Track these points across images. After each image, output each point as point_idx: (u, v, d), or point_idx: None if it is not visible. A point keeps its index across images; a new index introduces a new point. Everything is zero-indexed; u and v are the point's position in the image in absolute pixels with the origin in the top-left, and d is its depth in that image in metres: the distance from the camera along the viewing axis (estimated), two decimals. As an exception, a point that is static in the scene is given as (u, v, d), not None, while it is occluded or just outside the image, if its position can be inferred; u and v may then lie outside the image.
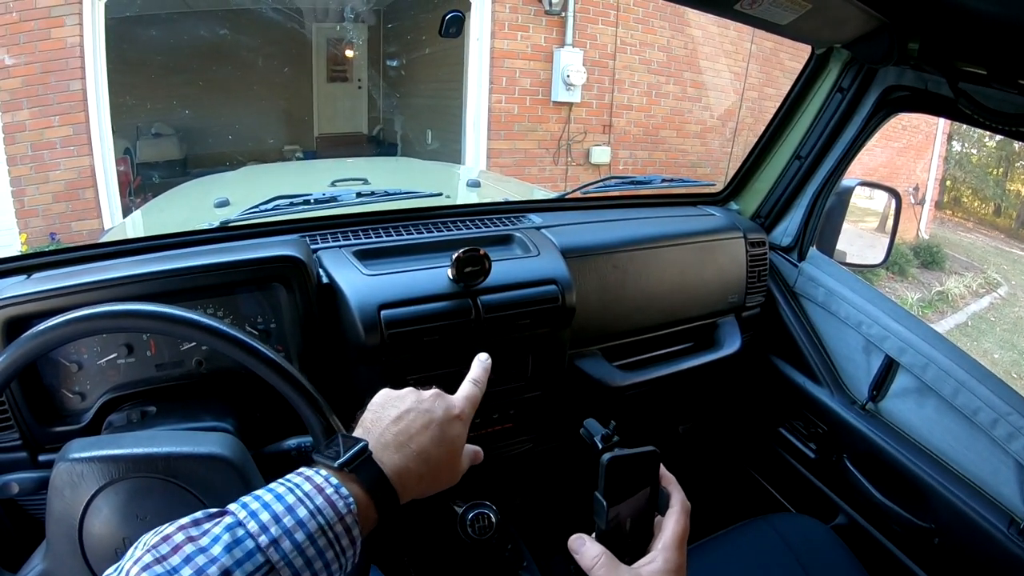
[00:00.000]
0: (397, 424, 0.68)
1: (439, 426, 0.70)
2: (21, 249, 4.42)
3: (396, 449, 0.66)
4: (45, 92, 4.42)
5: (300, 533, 0.54)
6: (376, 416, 0.70)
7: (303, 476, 0.59)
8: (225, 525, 0.53)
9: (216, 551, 0.51)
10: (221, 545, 0.52)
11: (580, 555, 0.65)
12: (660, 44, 6.64)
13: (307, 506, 0.56)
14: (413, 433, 0.68)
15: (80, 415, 0.97)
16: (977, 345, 6.96)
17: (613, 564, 0.64)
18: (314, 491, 0.58)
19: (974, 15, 1.04)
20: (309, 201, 1.35)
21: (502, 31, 5.78)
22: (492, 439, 1.27)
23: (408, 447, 0.67)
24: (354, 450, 0.62)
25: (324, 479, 0.59)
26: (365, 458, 0.63)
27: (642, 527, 0.68)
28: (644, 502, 0.68)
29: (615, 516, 0.66)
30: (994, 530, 1.20)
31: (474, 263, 1.06)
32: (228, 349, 0.74)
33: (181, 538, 0.52)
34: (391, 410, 0.70)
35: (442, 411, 0.71)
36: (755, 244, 1.59)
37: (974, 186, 13.03)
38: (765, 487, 1.78)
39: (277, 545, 0.53)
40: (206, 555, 0.51)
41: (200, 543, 0.52)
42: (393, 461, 0.65)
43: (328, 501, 0.57)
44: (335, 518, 0.57)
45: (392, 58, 8.10)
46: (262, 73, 7.21)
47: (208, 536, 0.52)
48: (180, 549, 0.51)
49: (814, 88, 1.54)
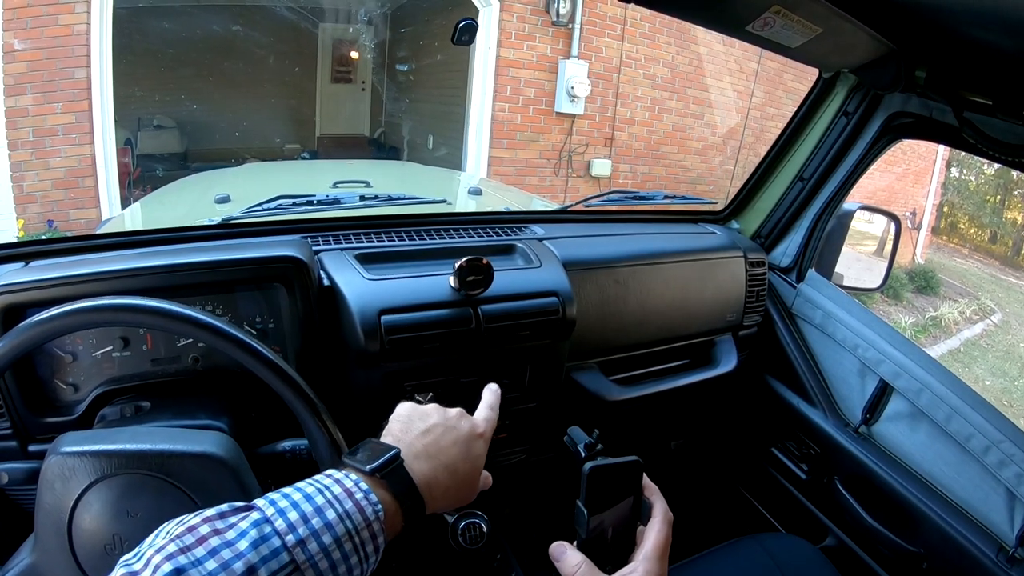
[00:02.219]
0: (426, 436, 0.69)
1: (465, 443, 0.71)
2: (18, 235, 4.40)
3: (426, 459, 0.67)
4: (50, 78, 4.41)
5: (328, 536, 0.54)
6: (404, 427, 0.70)
7: (332, 478, 0.59)
8: (252, 520, 0.53)
9: (242, 546, 0.51)
10: (248, 540, 0.52)
11: (560, 563, 0.66)
12: (665, 60, 6.68)
13: (336, 509, 0.56)
14: (443, 446, 0.69)
15: (73, 407, 0.96)
16: (969, 371, 6.99)
17: (593, 573, 0.64)
18: (344, 495, 0.58)
19: (982, 46, 1.05)
20: (312, 202, 1.35)
21: (508, 40, 5.81)
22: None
23: (437, 459, 0.68)
24: (386, 456, 0.63)
25: (354, 484, 0.59)
26: (397, 465, 0.63)
27: (624, 536, 0.68)
28: (626, 511, 0.68)
29: (597, 525, 0.66)
30: (983, 557, 1.20)
31: (476, 272, 1.06)
32: (230, 349, 0.74)
33: (207, 530, 0.52)
34: (419, 423, 0.70)
35: (467, 429, 0.72)
36: (755, 264, 1.60)
37: (971, 213, 13.10)
38: (755, 506, 1.78)
39: (304, 546, 0.53)
40: (232, 549, 0.51)
41: (226, 536, 0.52)
42: (423, 471, 0.65)
43: (357, 506, 0.57)
44: (363, 524, 0.57)
45: (397, 62, 8.12)
46: (266, 70, 7.22)
47: (234, 530, 0.52)
48: (205, 541, 0.51)
49: (819, 111, 1.55)
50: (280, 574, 0.51)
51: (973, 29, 1.01)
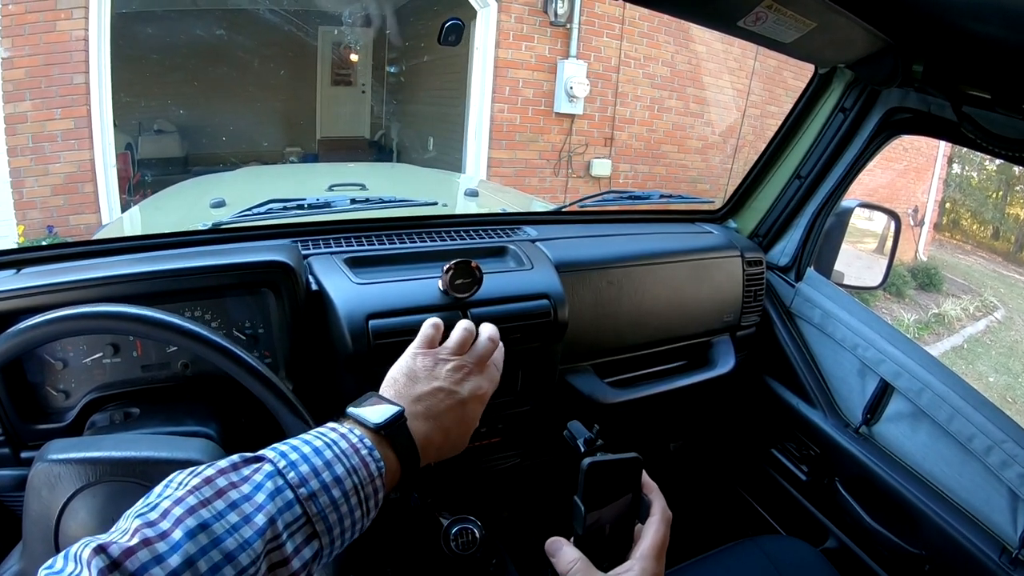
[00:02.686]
0: (428, 399, 0.71)
1: (463, 406, 0.73)
2: (18, 241, 4.41)
3: (424, 420, 0.69)
4: (48, 84, 4.42)
5: (337, 490, 0.56)
6: (408, 383, 0.72)
7: (338, 432, 0.61)
8: (266, 473, 0.54)
9: (260, 499, 0.52)
10: (265, 493, 0.53)
11: (556, 559, 0.66)
12: (664, 59, 6.67)
13: (344, 464, 0.58)
14: (441, 411, 0.71)
15: (63, 413, 0.96)
16: (972, 368, 6.97)
17: (589, 570, 0.64)
18: (350, 450, 0.59)
19: (980, 39, 1.03)
20: (303, 206, 1.34)
21: (507, 40, 5.81)
22: (479, 453, 1.26)
23: (435, 421, 0.70)
24: (392, 415, 0.65)
25: (359, 439, 0.61)
26: (400, 424, 0.66)
27: (621, 534, 0.67)
28: (624, 509, 0.67)
29: (594, 522, 0.66)
30: (985, 558, 1.19)
31: (466, 275, 1.05)
32: (208, 353, 0.74)
33: (224, 482, 0.52)
34: (423, 384, 0.72)
35: (469, 392, 0.74)
36: (752, 263, 1.58)
37: (973, 209, 13.07)
38: (755, 508, 1.77)
39: (315, 499, 0.55)
40: (251, 503, 0.52)
41: (242, 490, 0.52)
42: (420, 431, 0.68)
43: (363, 462, 0.59)
44: (368, 479, 0.59)
45: (396, 64, 8.13)
46: (266, 74, 7.24)
47: (249, 483, 0.53)
48: (225, 494, 0.51)
49: (816, 108, 1.53)
50: (294, 526, 0.53)
51: (971, 22, 0.99)
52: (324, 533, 0.55)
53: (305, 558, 0.54)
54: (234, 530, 0.49)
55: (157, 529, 0.47)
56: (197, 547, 0.47)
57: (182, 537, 0.47)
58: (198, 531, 0.48)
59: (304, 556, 0.54)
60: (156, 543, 0.46)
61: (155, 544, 0.46)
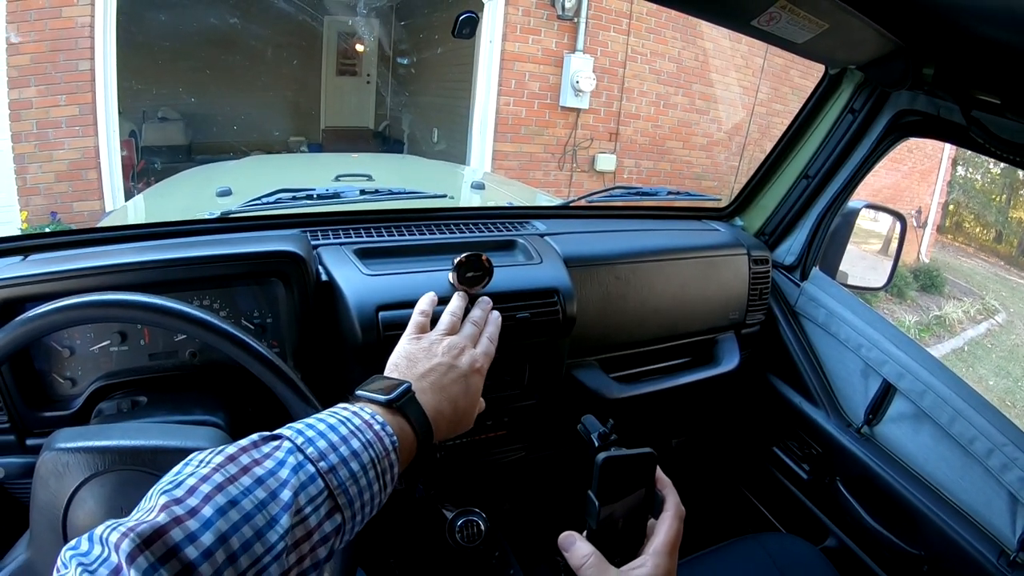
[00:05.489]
0: (432, 374, 0.74)
1: (465, 378, 0.76)
2: (21, 227, 4.40)
3: (432, 393, 0.72)
4: (53, 71, 4.41)
5: (355, 463, 0.57)
6: (410, 363, 0.75)
7: (349, 411, 0.62)
8: (287, 449, 0.55)
9: (284, 474, 0.53)
10: (288, 469, 0.53)
11: (569, 553, 0.65)
12: (671, 55, 6.65)
13: (360, 439, 0.59)
14: (446, 383, 0.74)
15: (70, 401, 0.96)
16: (972, 371, 6.96)
17: (602, 566, 0.64)
18: (364, 425, 0.61)
19: (992, 43, 1.03)
20: (312, 196, 1.34)
21: (514, 34, 5.79)
22: (485, 446, 1.26)
23: (441, 393, 0.73)
24: (401, 389, 0.67)
25: (371, 416, 0.62)
26: (410, 396, 0.68)
27: (634, 529, 0.67)
28: (638, 504, 0.67)
29: (607, 516, 0.65)
30: (984, 561, 1.19)
31: (476, 268, 1.04)
32: (219, 343, 0.74)
33: (247, 459, 0.53)
34: (424, 362, 0.75)
35: (467, 365, 0.77)
36: (758, 261, 1.58)
37: (976, 212, 13.05)
38: (756, 505, 1.77)
39: (335, 472, 0.55)
40: (276, 478, 0.52)
41: (266, 465, 0.53)
42: (429, 403, 0.70)
43: (376, 436, 0.61)
44: (383, 453, 0.60)
45: (402, 55, 8.11)
46: (272, 63, 7.23)
47: (272, 459, 0.54)
48: (249, 470, 0.52)
49: (825, 108, 1.53)
50: (317, 499, 0.53)
51: (983, 26, 0.99)
52: (345, 507, 0.55)
53: (326, 531, 0.54)
54: (262, 506, 0.50)
55: (185, 506, 0.47)
56: (228, 524, 0.47)
57: (213, 514, 0.47)
58: (228, 507, 0.48)
59: (325, 530, 0.54)
60: (187, 520, 0.46)
61: (186, 522, 0.46)
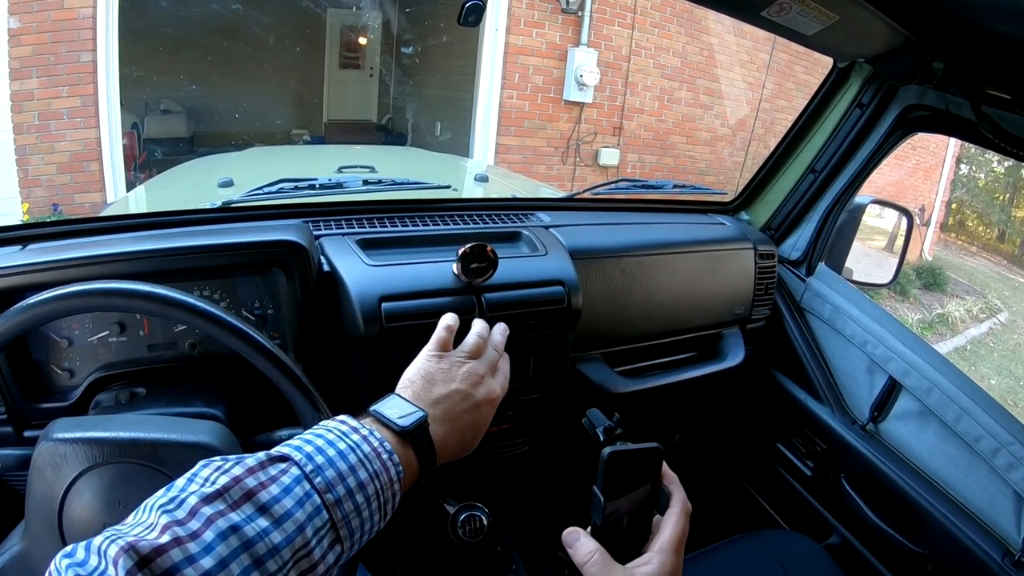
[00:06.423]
0: (445, 402, 0.72)
1: (477, 409, 0.75)
2: (22, 218, 4.39)
3: (441, 424, 0.70)
4: (55, 62, 4.38)
5: (360, 495, 0.57)
6: (426, 385, 0.73)
7: (360, 435, 0.61)
8: (293, 476, 0.54)
9: (289, 503, 0.52)
10: (293, 499, 0.52)
11: (574, 550, 0.64)
12: (675, 49, 6.62)
13: (367, 468, 0.58)
14: (458, 413, 0.73)
15: (68, 392, 0.95)
16: (975, 370, 6.96)
17: (607, 562, 0.62)
18: (372, 454, 0.59)
19: (1002, 38, 1.01)
20: (314, 186, 1.32)
21: (518, 27, 5.75)
22: (488, 440, 1.24)
23: (451, 424, 0.71)
24: (416, 419, 0.66)
25: (379, 443, 0.61)
26: (423, 429, 0.67)
27: (640, 525, 0.66)
28: (643, 500, 0.66)
29: (612, 512, 0.64)
30: (988, 559, 1.19)
31: (480, 259, 1.03)
32: (221, 334, 0.72)
33: (253, 483, 0.52)
34: (440, 387, 0.74)
35: (483, 396, 0.76)
36: (764, 256, 1.57)
37: (980, 210, 13.03)
38: (759, 502, 1.76)
39: (340, 505, 0.55)
40: (280, 505, 0.51)
41: (271, 491, 0.52)
42: (438, 434, 0.69)
43: (383, 466, 0.60)
44: (387, 483, 0.60)
45: (405, 47, 8.08)
46: (274, 55, 7.20)
47: (278, 485, 0.53)
48: (254, 496, 0.51)
49: (833, 102, 1.52)
50: (322, 531, 0.53)
51: (994, 21, 0.98)
52: (346, 538, 0.56)
53: (329, 562, 0.54)
54: (264, 535, 0.49)
55: (187, 528, 0.47)
56: (229, 550, 0.47)
57: (214, 539, 0.47)
58: (229, 533, 0.48)
59: (328, 560, 0.54)
60: (187, 543, 0.46)
61: (187, 544, 0.46)
